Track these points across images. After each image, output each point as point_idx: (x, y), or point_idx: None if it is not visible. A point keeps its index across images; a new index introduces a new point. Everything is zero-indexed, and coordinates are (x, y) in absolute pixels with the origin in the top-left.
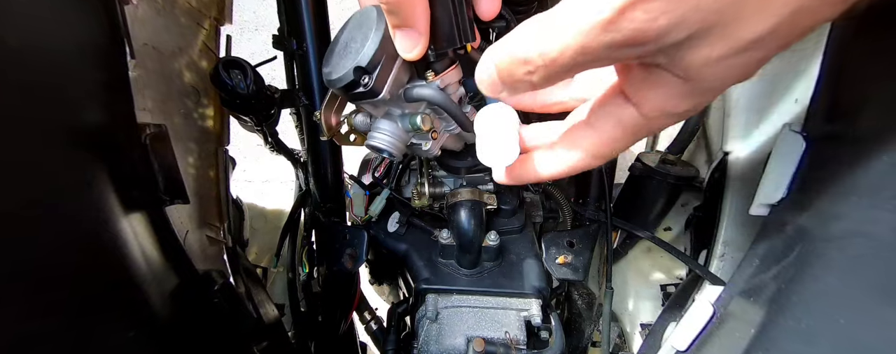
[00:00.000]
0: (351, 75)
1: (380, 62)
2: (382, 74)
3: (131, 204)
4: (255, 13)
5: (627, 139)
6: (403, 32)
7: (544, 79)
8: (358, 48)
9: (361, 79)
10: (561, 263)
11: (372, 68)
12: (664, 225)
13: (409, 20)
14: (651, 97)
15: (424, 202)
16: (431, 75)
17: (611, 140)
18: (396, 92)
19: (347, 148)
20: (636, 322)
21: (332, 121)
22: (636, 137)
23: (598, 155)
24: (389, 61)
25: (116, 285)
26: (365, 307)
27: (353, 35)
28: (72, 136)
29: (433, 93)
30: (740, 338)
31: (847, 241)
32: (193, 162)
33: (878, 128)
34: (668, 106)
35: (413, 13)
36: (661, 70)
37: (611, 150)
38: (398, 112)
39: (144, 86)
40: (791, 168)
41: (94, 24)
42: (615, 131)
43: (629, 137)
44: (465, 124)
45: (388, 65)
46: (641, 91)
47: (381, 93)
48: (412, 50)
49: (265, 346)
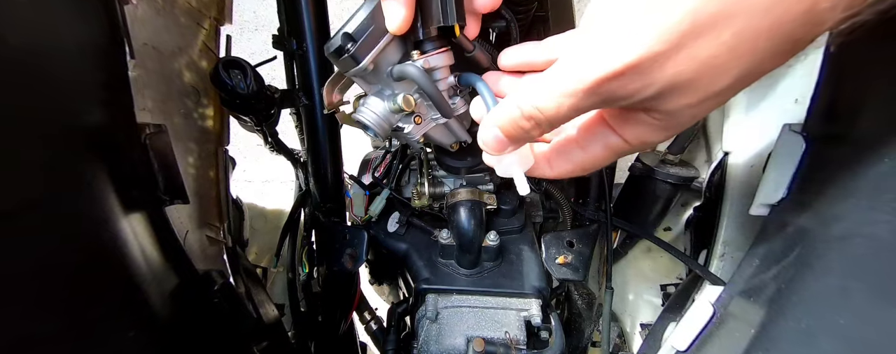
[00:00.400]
0: (339, 40)
1: (367, 31)
2: (367, 43)
3: (131, 204)
4: (255, 13)
5: (613, 157)
6: (387, 2)
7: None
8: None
9: (346, 44)
10: (561, 263)
11: (358, 36)
12: (664, 225)
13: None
14: (632, 130)
15: (424, 202)
16: (416, 54)
17: (599, 158)
18: (384, 67)
19: (347, 148)
20: (636, 322)
21: (334, 98)
22: (620, 156)
23: (587, 168)
24: (377, 33)
25: (116, 285)
26: (365, 307)
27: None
28: (72, 136)
29: (414, 71)
30: (740, 338)
31: (847, 242)
32: (193, 162)
33: (878, 128)
34: (646, 137)
35: None
36: (640, 112)
37: (598, 165)
38: (388, 92)
39: (144, 86)
40: (791, 168)
41: (94, 24)
42: (604, 152)
43: (614, 156)
44: (444, 109)
45: (375, 36)
46: (624, 126)
47: (362, 61)
48: (393, 20)
49: (265, 346)
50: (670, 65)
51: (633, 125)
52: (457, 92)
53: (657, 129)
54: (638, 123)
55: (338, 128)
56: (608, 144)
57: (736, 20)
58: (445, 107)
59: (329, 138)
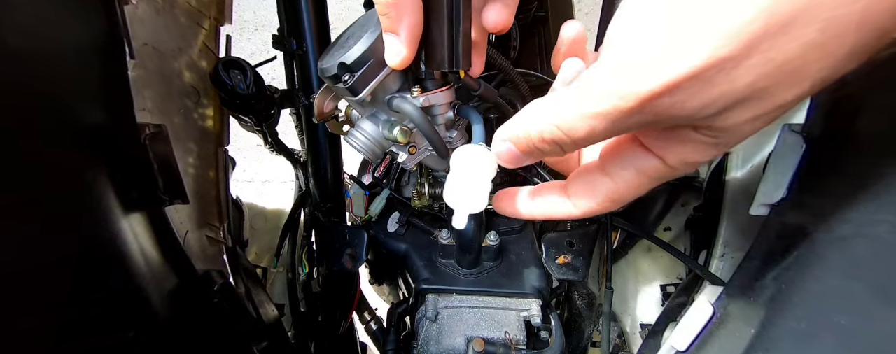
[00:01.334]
0: (335, 70)
1: (366, 63)
2: (366, 75)
3: (131, 204)
4: (255, 13)
5: (649, 184)
6: (389, 38)
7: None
8: (351, 45)
9: (343, 75)
10: (561, 263)
11: (356, 68)
12: (664, 225)
13: (394, 26)
14: (677, 151)
15: (424, 202)
16: (417, 91)
17: (632, 187)
18: (382, 97)
19: (347, 148)
20: (636, 322)
21: (325, 108)
22: (658, 182)
23: (617, 200)
24: (377, 65)
25: (116, 285)
26: (365, 307)
27: (356, 31)
28: (72, 136)
29: (411, 109)
30: (740, 338)
31: (848, 242)
32: (193, 162)
33: (878, 129)
34: (692, 157)
35: (399, 20)
36: (688, 129)
37: (631, 195)
38: (383, 117)
39: (144, 86)
40: (791, 168)
41: (94, 24)
42: (637, 179)
43: (652, 183)
44: (439, 149)
45: (374, 68)
46: (667, 147)
47: (361, 93)
48: (393, 58)
49: (265, 346)
50: (740, 74)
51: (678, 144)
52: (454, 125)
53: (707, 148)
54: (683, 142)
55: None
56: (643, 169)
57: (821, 11)
58: (441, 147)
59: (329, 138)
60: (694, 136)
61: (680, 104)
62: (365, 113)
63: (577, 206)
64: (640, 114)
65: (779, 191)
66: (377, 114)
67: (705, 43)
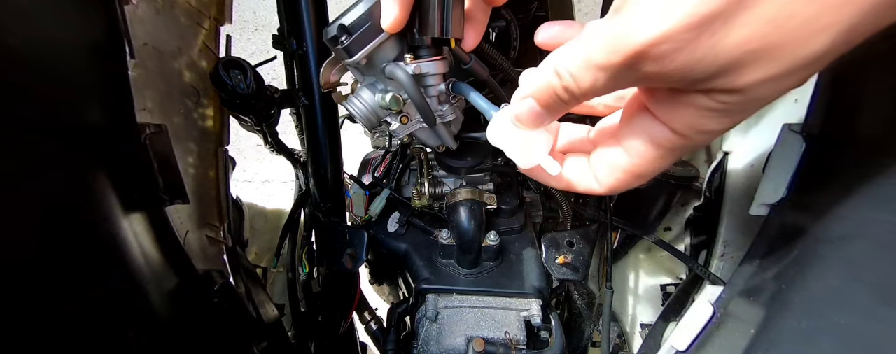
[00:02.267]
0: (334, 31)
1: (363, 27)
2: (362, 38)
3: (131, 204)
4: (255, 13)
5: (666, 156)
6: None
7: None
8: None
9: (341, 36)
10: (561, 263)
11: (353, 30)
12: (664, 225)
13: None
14: (682, 116)
15: (424, 202)
16: (410, 58)
17: (648, 158)
18: (379, 62)
19: (347, 148)
20: (636, 322)
21: (331, 78)
22: (676, 154)
23: (638, 173)
24: (373, 30)
25: (116, 284)
26: (365, 307)
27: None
28: (72, 136)
29: (401, 74)
30: (740, 338)
31: (847, 242)
32: (193, 162)
33: (877, 129)
34: (701, 124)
35: None
36: (696, 94)
37: (651, 168)
38: (381, 86)
39: (144, 86)
40: (791, 168)
41: (94, 24)
42: (650, 150)
43: (668, 155)
44: (427, 116)
45: (370, 32)
46: (672, 112)
47: (355, 55)
48: (388, 18)
49: (265, 346)
50: (741, 25)
51: (682, 109)
52: (448, 99)
53: (716, 116)
54: (687, 106)
55: (338, 129)
56: (654, 138)
57: None
58: (428, 114)
59: (329, 138)
60: (700, 101)
61: (670, 59)
62: (364, 81)
63: (600, 183)
64: (634, 69)
65: (779, 191)
66: (376, 84)
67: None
